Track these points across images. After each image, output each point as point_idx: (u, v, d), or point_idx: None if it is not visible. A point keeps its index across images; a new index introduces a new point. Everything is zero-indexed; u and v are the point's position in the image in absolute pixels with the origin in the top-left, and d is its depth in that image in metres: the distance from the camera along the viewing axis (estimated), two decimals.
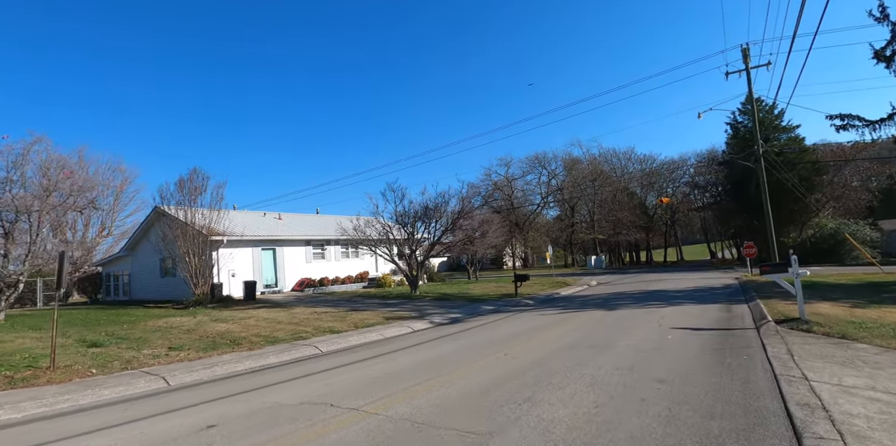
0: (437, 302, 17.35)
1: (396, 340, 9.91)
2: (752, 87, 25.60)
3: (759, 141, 25.47)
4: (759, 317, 9.65)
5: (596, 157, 58.46)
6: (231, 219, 23.59)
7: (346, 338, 10.00)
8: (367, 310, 15.38)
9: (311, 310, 15.74)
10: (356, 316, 13.75)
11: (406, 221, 19.16)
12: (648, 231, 61.06)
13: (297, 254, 24.09)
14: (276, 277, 23.08)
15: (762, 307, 10.84)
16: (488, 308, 15.21)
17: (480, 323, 11.93)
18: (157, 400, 5.94)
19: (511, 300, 17.27)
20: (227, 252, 20.78)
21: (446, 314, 13.83)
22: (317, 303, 18.32)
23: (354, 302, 18.32)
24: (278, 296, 21.39)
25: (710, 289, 17.85)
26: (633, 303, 14.40)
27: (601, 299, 16.22)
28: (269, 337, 10.45)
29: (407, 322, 12.29)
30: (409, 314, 13.98)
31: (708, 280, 23.32)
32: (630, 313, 11.70)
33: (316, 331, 11.20)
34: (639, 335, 8.33)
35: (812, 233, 34.34)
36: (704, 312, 11.17)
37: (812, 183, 33.15)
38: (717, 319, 9.94)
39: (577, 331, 9.17)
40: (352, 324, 11.96)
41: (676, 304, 13.13)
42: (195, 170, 19.29)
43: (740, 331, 8.32)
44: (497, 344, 8.22)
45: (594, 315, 11.79)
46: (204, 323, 13.24)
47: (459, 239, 19.74)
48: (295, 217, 28.12)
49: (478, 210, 19.25)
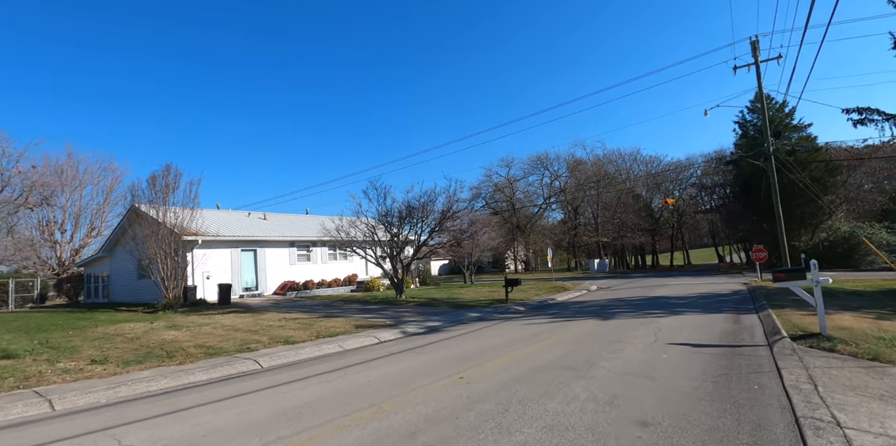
0: (420, 308, 16.12)
1: (353, 353, 8.68)
2: (761, 82, 24.23)
3: (769, 138, 24.08)
4: (772, 330, 8.33)
5: (600, 158, 57.04)
6: (209, 218, 22.50)
7: (297, 351, 8.79)
8: (342, 316, 14.19)
9: (281, 315, 14.56)
10: (325, 323, 12.56)
11: (390, 222, 17.96)
12: (654, 234, 59.53)
13: (280, 256, 22.93)
14: (257, 280, 21.92)
15: (774, 318, 9.52)
16: (473, 315, 13.97)
17: (457, 333, 10.69)
18: (19, 431, 4.75)
19: (501, 306, 16.01)
20: (202, 253, 19.65)
21: (424, 322, 12.60)
22: (293, 307, 17.16)
23: (333, 307, 17.13)
24: (257, 299, 20.24)
25: (717, 296, 16.49)
26: (631, 311, 13.09)
27: (597, 306, 14.91)
28: (214, 348, 9.27)
29: (377, 331, 11.07)
30: (384, 321, 12.77)
31: (714, 285, 21.91)
32: (625, 323, 10.41)
33: (270, 341, 10.01)
34: (630, 352, 7.05)
35: (825, 237, 32.77)
36: (709, 323, 9.86)
37: (825, 184, 31.61)
38: (723, 332, 8.63)
39: (560, 346, 7.90)
40: (314, 334, 10.77)
41: (678, 313, 11.81)
42: (168, 166, 18.21)
43: (750, 349, 7.01)
44: (460, 362, 6.97)
45: (585, 325, 10.50)
46: (156, 330, 12.09)
47: (446, 240, 18.49)
48: (281, 217, 26.98)
49: (467, 209, 17.90)
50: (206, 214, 22.72)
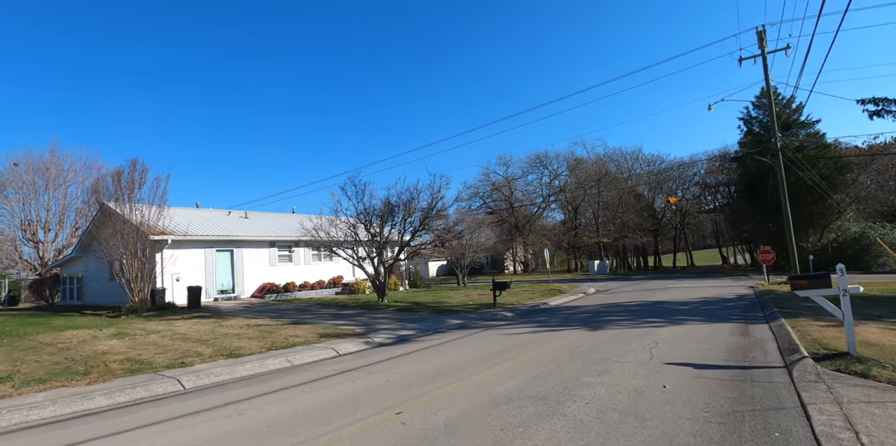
0: (399, 313, 14.91)
1: (298, 371, 7.47)
2: (768, 74, 22.90)
3: (776, 132, 22.76)
4: (788, 347, 7.07)
5: (601, 157, 55.71)
6: (182, 216, 21.35)
7: (235, 367, 7.59)
8: (311, 322, 13.00)
9: (246, 322, 13.37)
10: (288, 331, 11.37)
11: (369, 220, 16.76)
12: (656, 235, 58.17)
13: (259, 257, 21.74)
14: (234, 282, 20.72)
15: (789, 330, 8.26)
16: (454, 322, 12.76)
17: (428, 344, 9.47)
18: None
19: (487, 312, 14.79)
20: (171, 253, 18.47)
21: (397, 331, 11.40)
22: (264, 312, 15.96)
23: (307, 311, 15.93)
24: (231, 303, 19.05)
25: (722, 301, 15.23)
26: (626, 319, 11.85)
27: (590, 313, 13.67)
28: (143, 362, 8.09)
29: (340, 341, 9.89)
30: (354, 329, 11.58)
31: (719, 289, 20.63)
32: (618, 335, 9.17)
33: (214, 353, 8.82)
34: (618, 375, 5.82)
35: (834, 238, 31.44)
36: (713, 336, 8.61)
37: (834, 182, 30.26)
38: (730, 348, 7.38)
39: (536, 365, 6.67)
40: (268, 345, 9.59)
41: (679, 322, 10.56)
42: (134, 161, 17.05)
43: (764, 373, 5.77)
44: (410, 388, 5.75)
45: (572, 337, 9.26)
46: (97, 339, 10.91)
47: (430, 241, 17.28)
48: (263, 216, 25.76)
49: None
50: (178, 213, 21.57)
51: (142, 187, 17.12)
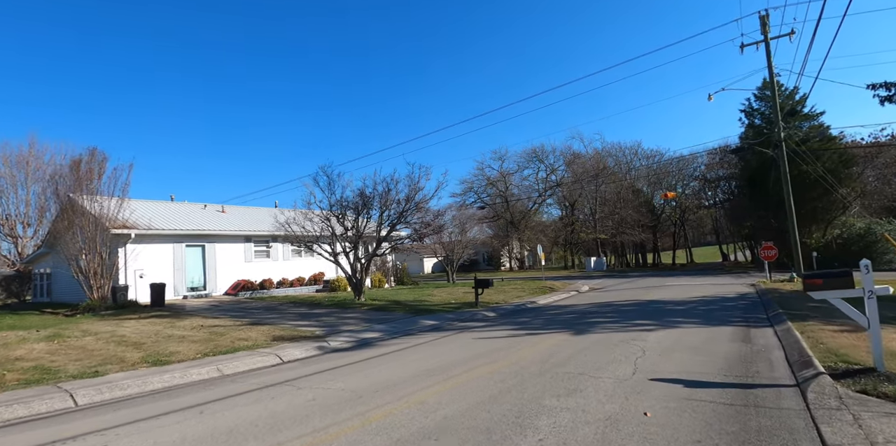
0: (372, 313, 13.83)
1: (224, 382, 6.38)
2: (771, 60, 21.74)
3: (779, 122, 21.61)
4: (799, 359, 5.95)
5: (599, 151, 54.50)
6: (150, 210, 20.27)
7: (153, 377, 6.51)
8: (272, 323, 11.93)
9: (202, 322, 12.28)
10: (241, 333, 10.29)
11: (343, 213, 15.66)
12: (656, 231, 57.03)
13: (233, 252, 20.61)
14: (206, 279, 19.60)
15: (798, 337, 7.14)
16: (428, 323, 11.68)
17: (386, 350, 8.38)
18: None
19: (467, 312, 13.70)
20: (135, 248, 17.35)
21: (361, 333, 10.32)
22: (230, 311, 14.88)
23: (275, 310, 14.84)
24: (201, 301, 17.95)
25: (721, 301, 14.12)
26: (615, 321, 10.75)
27: (577, 313, 12.57)
28: (52, 370, 7.02)
29: (292, 346, 8.82)
30: (314, 331, 10.49)
31: (719, 287, 19.53)
32: (602, 340, 8.06)
33: (141, 359, 7.76)
34: (588, 397, 4.71)
35: (838, 234, 30.28)
36: (710, 342, 7.50)
37: (839, 176, 29.05)
38: (730, 358, 6.28)
39: (494, 382, 5.56)
40: (210, 349, 8.53)
41: (672, 325, 9.45)
42: (93, 150, 15.92)
43: (771, 394, 4.66)
44: (335, 411, 4.65)
45: (550, 342, 8.16)
46: (26, 341, 9.82)
47: (407, 235, 16.16)
48: (241, 210, 24.59)
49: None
50: (145, 206, 20.47)
51: (101, 177, 16.00)
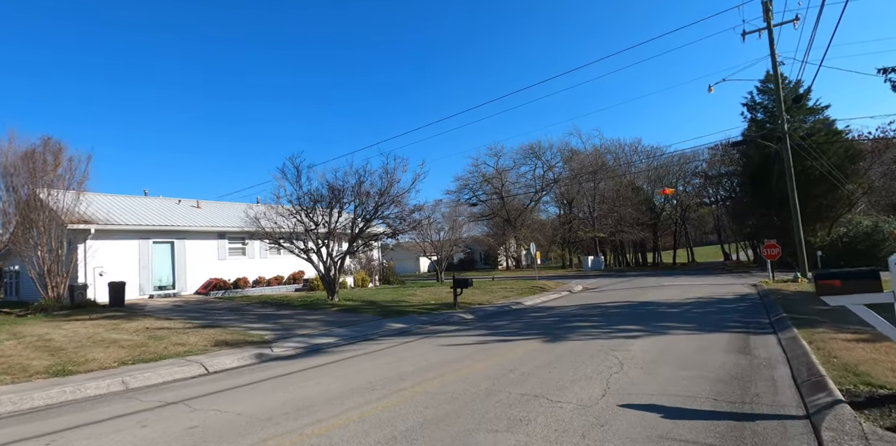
0: (339, 315, 12.78)
1: (124, 398, 5.33)
2: (774, 49, 20.59)
3: (783, 113, 20.46)
4: (808, 378, 4.83)
5: (598, 148, 53.32)
6: (114, 204, 19.26)
7: (38, 393, 5.51)
8: (225, 326, 10.91)
9: (150, 324, 11.22)
10: (182, 337, 9.26)
11: (312, 207, 14.60)
12: (656, 230, 55.86)
13: (206, 249, 19.54)
14: (174, 277, 18.53)
15: (806, 348, 6.03)
16: (395, 327, 10.62)
17: (332, 359, 7.33)
18: None
19: (443, 314, 12.65)
20: (95, 244, 16.29)
21: (316, 337, 9.28)
22: (190, 312, 13.81)
23: (238, 311, 13.79)
24: (166, 300, 16.89)
25: (719, 303, 13.01)
26: (599, 325, 9.66)
27: (560, 316, 11.48)
28: None
29: (229, 352, 7.83)
30: (264, 336, 9.45)
31: (718, 287, 18.42)
32: (577, 350, 6.98)
33: (46, 368, 6.79)
34: (534, 433, 3.64)
35: (844, 232, 29.09)
36: (702, 353, 6.41)
37: (845, 171, 27.87)
38: (723, 377, 5.18)
39: (429, 405, 4.49)
40: (135, 356, 7.62)
41: (661, 331, 8.36)
42: (47, 139, 14.90)
43: (775, 430, 3.57)
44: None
45: (517, 351, 7.08)
46: None
47: (382, 232, 15.08)
48: (218, 205, 23.48)
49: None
50: (111, 200, 19.43)
51: (56, 168, 14.95)
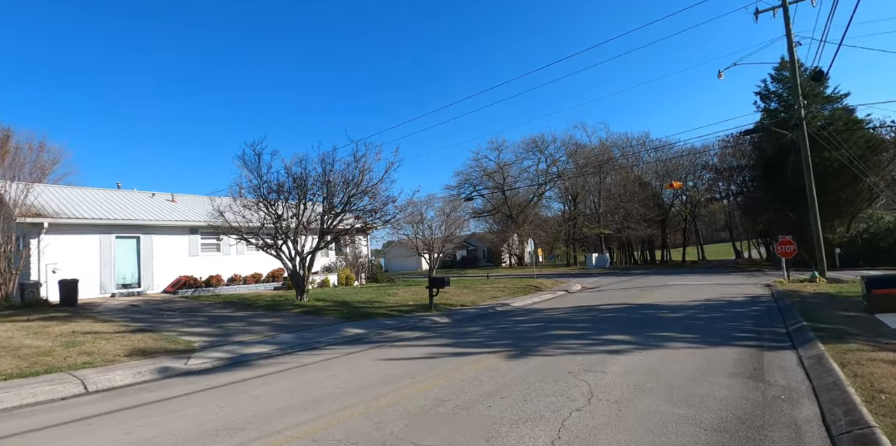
0: (298, 317, 11.49)
1: None
2: (790, 28, 18.89)
3: (800, 100, 18.77)
4: (848, 427, 3.36)
5: (604, 141, 51.55)
6: (78, 197, 18.09)
7: None
8: (163, 329, 9.68)
9: (81, 327, 9.96)
10: (103, 344, 8.07)
11: (275, 198, 13.31)
12: (664, 226, 54.01)
13: (176, 245, 18.32)
14: (140, 274, 17.33)
15: (839, 374, 4.55)
16: (352, 332, 9.31)
17: (247, 376, 6.01)
18: None
19: (415, 317, 11.30)
20: (50, 239, 15.13)
21: (251, 346, 7.99)
22: (140, 313, 12.57)
23: (191, 312, 12.53)
24: (127, 300, 15.69)
25: (728, 306, 11.50)
26: (583, 334, 8.22)
27: (543, 322, 10.05)
28: None
29: (136, 364, 6.66)
30: (192, 342, 8.19)
31: (727, 287, 16.86)
32: (543, 369, 5.57)
33: None
34: None
35: (864, 228, 27.26)
36: (702, 378, 4.96)
37: (866, 163, 26.02)
38: (726, 421, 3.74)
39: None
40: (13, 369, 6.29)
41: (655, 343, 6.91)
42: None
43: None
44: None
45: (469, 369, 5.69)
46: None
47: (352, 226, 13.73)
48: (194, 199, 22.17)
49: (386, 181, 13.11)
50: (72, 192, 18.33)
51: (4, 157, 13.76)
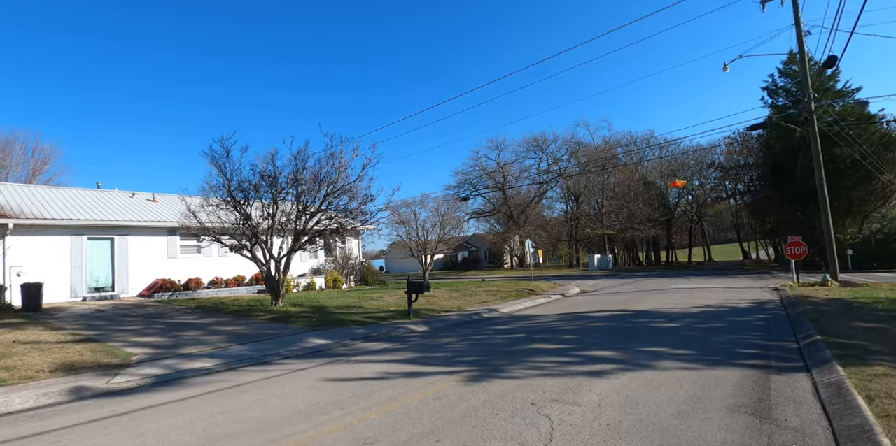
0: (264, 324, 10.66)
1: None
2: (799, 15, 17.90)
3: (810, 92, 17.74)
4: None
5: (607, 139, 50.45)
6: (50, 196, 17.37)
7: None
8: (111, 339, 8.91)
9: (26, 337, 9.13)
10: (36, 356, 7.31)
11: (244, 197, 12.49)
12: (670, 227, 52.87)
13: (153, 247, 17.55)
14: (114, 277, 16.58)
15: (866, 415, 3.60)
16: (315, 343, 8.48)
17: (164, 399, 5.13)
18: None
19: (388, 325, 10.45)
20: (16, 241, 14.39)
21: (195, 359, 7.19)
22: (102, 319, 11.78)
23: (155, 318, 11.72)
24: (98, 304, 14.92)
25: (731, 314, 10.53)
26: (563, 350, 7.30)
27: (525, 332, 9.13)
28: None
29: (65, 380, 6.01)
30: (133, 355, 7.42)
31: (733, 291, 15.87)
32: (503, 398, 4.67)
33: None
34: None
35: (878, 228, 26.12)
36: (691, 415, 4.03)
37: (880, 160, 24.90)
38: None
39: None
40: None
41: (641, 363, 5.98)
42: None
43: None
44: None
45: (415, 398, 4.80)
46: None
47: (325, 226, 12.89)
48: (176, 199, 21.43)
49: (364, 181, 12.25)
50: (42, 192, 17.74)
51: None
